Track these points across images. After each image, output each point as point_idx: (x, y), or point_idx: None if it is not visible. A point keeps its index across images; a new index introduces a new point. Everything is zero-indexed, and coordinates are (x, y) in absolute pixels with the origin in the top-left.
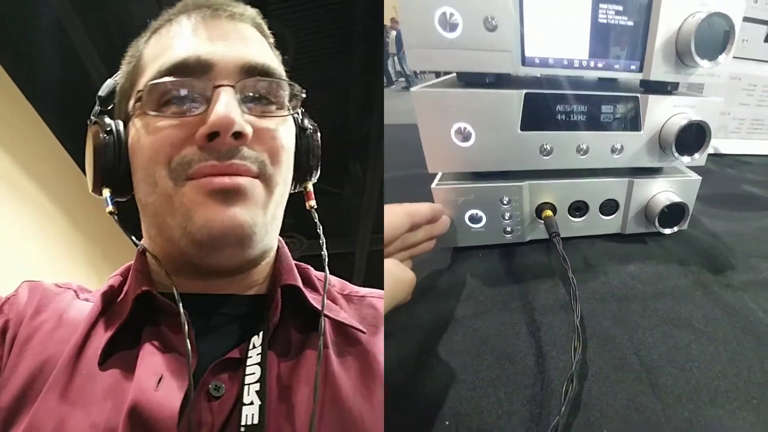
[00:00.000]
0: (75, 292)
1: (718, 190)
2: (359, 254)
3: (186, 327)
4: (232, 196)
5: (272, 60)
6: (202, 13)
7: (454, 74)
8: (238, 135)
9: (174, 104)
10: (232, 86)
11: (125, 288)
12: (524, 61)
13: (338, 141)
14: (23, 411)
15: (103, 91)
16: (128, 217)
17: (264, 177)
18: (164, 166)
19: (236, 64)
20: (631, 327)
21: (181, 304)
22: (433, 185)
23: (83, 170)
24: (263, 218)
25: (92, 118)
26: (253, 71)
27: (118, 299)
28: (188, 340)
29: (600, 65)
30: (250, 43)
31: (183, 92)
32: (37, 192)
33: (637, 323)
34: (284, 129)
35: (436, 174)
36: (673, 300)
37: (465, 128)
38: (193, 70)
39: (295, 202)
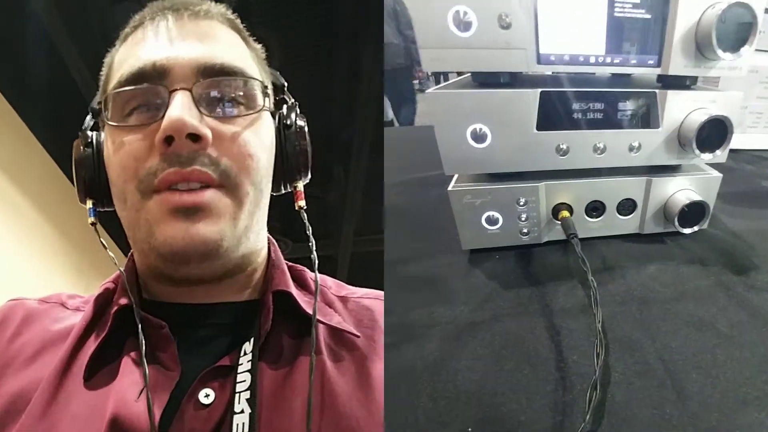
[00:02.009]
0: (63, 304)
1: (737, 188)
2: (342, 257)
3: (138, 344)
4: (194, 212)
5: (237, 57)
6: (166, 16)
7: (469, 75)
8: (196, 138)
9: (135, 113)
10: (188, 89)
11: (114, 298)
12: (539, 59)
13: (321, 144)
14: (6, 429)
15: (95, 103)
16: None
17: (229, 186)
18: (132, 181)
19: (192, 66)
20: (653, 331)
21: (169, 321)
22: (449, 187)
23: (71, 180)
24: (232, 230)
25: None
26: (211, 72)
27: (106, 310)
28: (141, 357)
29: (617, 61)
30: (214, 41)
31: (141, 100)
32: (24, 202)
33: (659, 327)
34: (252, 132)
35: (448, 175)
36: (696, 302)
37: (480, 129)
38: (150, 77)
39: (280, 204)
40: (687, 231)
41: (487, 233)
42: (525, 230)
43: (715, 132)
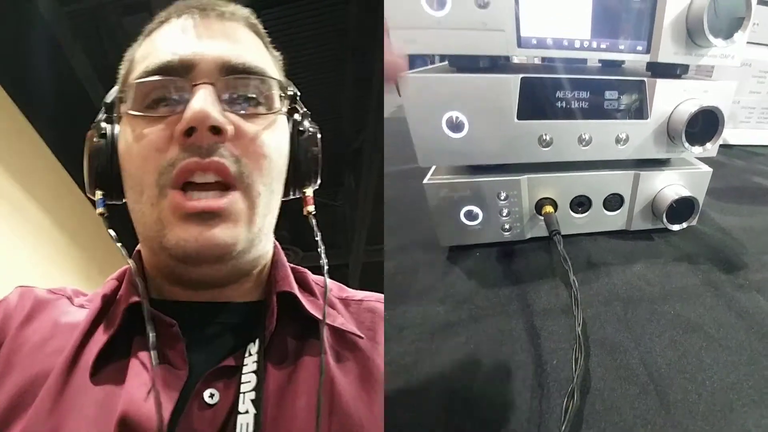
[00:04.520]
0: (69, 298)
1: (727, 183)
2: (353, 266)
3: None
4: (211, 218)
5: (260, 59)
6: (193, 14)
7: (446, 63)
8: (217, 130)
9: (157, 105)
10: (211, 84)
11: (119, 295)
12: (520, 42)
13: (332, 153)
14: (13, 424)
15: (108, 98)
16: (127, 222)
17: (242, 184)
18: (153, 173)
19: (217, 62)
20: (638, 333)
21: (173, 318)
22: (425, 180)
23: (79, 184)
24: (246, 234)
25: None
26: (234, 70)
27: (112, 307)
28: (150, 355)
29: (603, 46)
30: (238, 42)
31: (164, 93)
32: (32, 206)
33: (644, 328)
34: (270, 134)
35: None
36: (683, 302)
37: (457, 117)
38: (176, 71)
39: (289, 213)
40: (675, 228)
41: (467, 229)
42: (507, 226)
43: (705, 124)
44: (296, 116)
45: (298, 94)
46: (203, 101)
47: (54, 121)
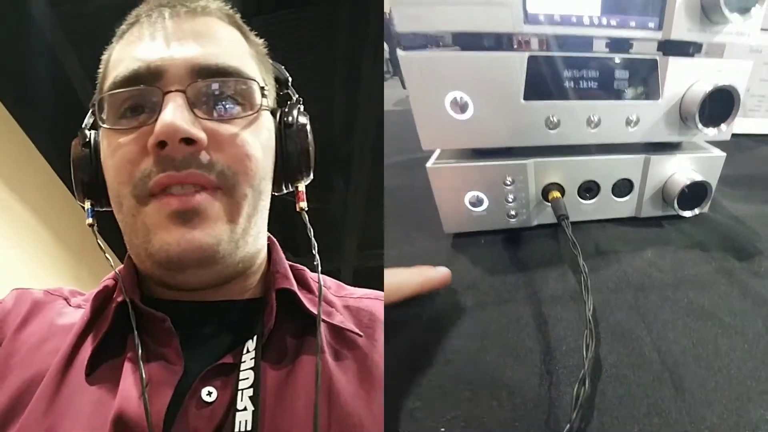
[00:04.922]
0: (66, 299)
1: (737, 171)
2: (345, 271)
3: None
4: (191, 217)
5: (235, 56)
6: (162, 13)
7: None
8: (189, 141)
9: (129, 115)
10: (182, 91)
11: (114, 294)
12: (527, 18)
13: (322, 157)
14: (10, 425)
15: (95, 100)
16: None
17: (226, 188)
18: (127, 184)
19: (186, 67)
20: (650, 320)
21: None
22: (428, 164)
23: (68, 185)
24: (230, 234)
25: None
26: (206, 73)
27: (107, 307)
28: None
29: (613, 23)
30: (210, 40)
31: (136, 102)
32: (22, 209)
33: (656, 315)
34: (251, 132)
35: (433, 152)
36: (695, 289)
37: (461, 98)
38: (145, 79)
39: (280, 218)
40: (687, 214)
41: (472, 215)
42: (512, 212)
43: (719, 105)
44: (289, 104)
45: (290, 79)
46: (172, 113)
47: (43, 121)
